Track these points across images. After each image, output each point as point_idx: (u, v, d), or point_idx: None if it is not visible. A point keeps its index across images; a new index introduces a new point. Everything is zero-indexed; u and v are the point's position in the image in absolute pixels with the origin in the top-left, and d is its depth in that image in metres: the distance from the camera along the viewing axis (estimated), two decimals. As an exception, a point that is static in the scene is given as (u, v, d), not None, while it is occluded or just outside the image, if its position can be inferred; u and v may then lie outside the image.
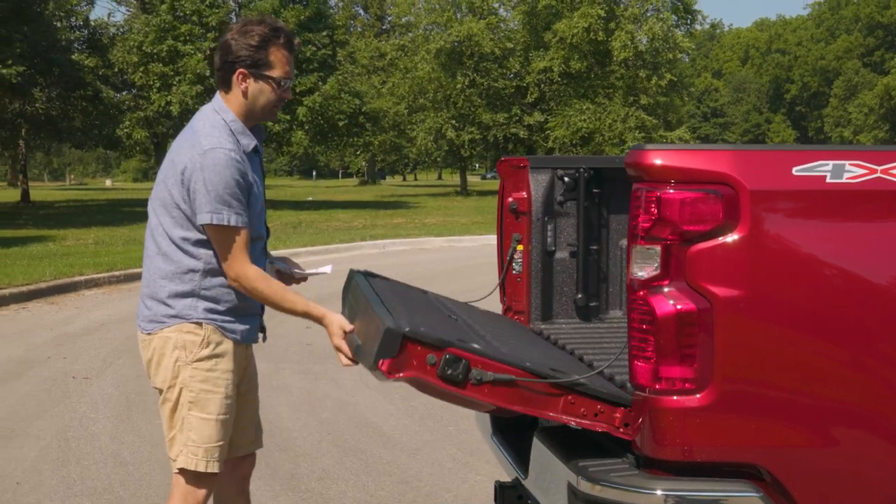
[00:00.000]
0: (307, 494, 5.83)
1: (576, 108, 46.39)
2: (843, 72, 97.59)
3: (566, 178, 4.70)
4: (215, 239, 3.62)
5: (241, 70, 3.68)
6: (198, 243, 3.68)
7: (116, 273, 15.63)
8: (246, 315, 3.87)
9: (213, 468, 3.77)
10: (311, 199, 40.58)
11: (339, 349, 3.60)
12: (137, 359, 9.53)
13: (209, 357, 3.74)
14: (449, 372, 3.00)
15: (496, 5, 49.60)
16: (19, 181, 49.54)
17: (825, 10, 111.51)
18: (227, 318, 3.78)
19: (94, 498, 5.76)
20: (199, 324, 3.74)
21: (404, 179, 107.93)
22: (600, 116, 46.05)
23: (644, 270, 2.86)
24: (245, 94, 3.71)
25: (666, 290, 2.82)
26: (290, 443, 6.79)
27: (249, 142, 3.75)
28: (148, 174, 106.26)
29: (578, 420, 3.06)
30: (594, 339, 4.19)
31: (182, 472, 3.77)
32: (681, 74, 53.42)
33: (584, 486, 2.95)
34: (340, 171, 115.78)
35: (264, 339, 4.08)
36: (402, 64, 49.92)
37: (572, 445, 3.19)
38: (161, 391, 3.80)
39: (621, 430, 3.02)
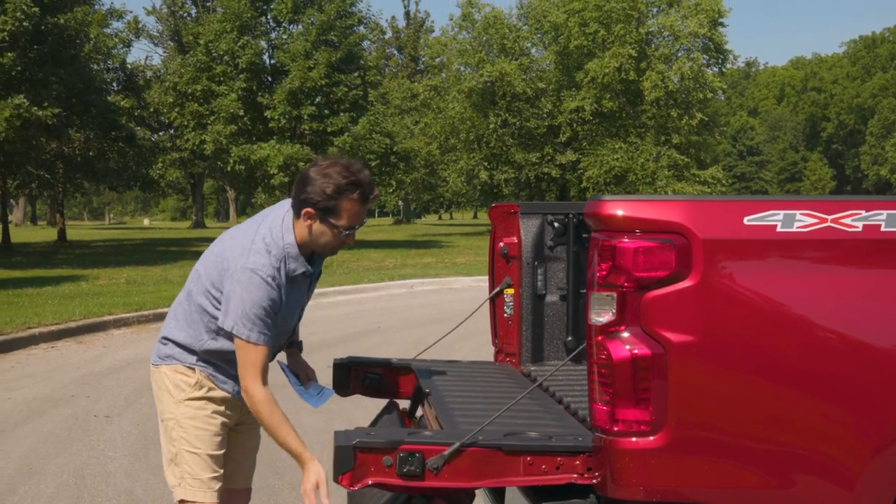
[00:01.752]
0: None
1: (608, 147, 46.48)
2: (878, 110, 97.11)
3: (556, 224, 4.84)
4: (236, 348, 3.80)
5: (308, 209, 3.81)
6: (212, 318, 3.91)
7: (145, 312, 15.86)
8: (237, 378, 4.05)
9: (211, 498, 3.99)
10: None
11: (304, 495, 3.70)
12: (155, 398, 9.69)
13: (201, 398, 3.98)
14: (406, 469, 3.09)
15: (528, 45, 49.88)
16: (57, 221, 50.20)
17: (860, 48, 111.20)
18: (221, 377, 4.02)
19: (104, 534, 5.91)
20: (193, 369, 3.97)
21: (440, 218, 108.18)
22: (633, 155, 46.11)
23: (601, 316, 2.98)
24: (309, 229, 3.85)
25: (622, 335, 2.94)
26: (300, 481, 6.89)
27: (298, 267, 3.90)
28: (186, 213, 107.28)
29: (542, 478, 3.14)
30: (577, 383, 4.30)
31: (183, 502, 4.00)
32: (714, 113, 53.43)
33: (549, 527, 3.08)
34: (376, 211, 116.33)
35: None
36: (434, 104, 50.26)
37: (543, 486, 3.30)
38: (161, 421, 4.07)
39: (585, 475, 3.12)
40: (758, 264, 2.98)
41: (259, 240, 3.84)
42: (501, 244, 4.88)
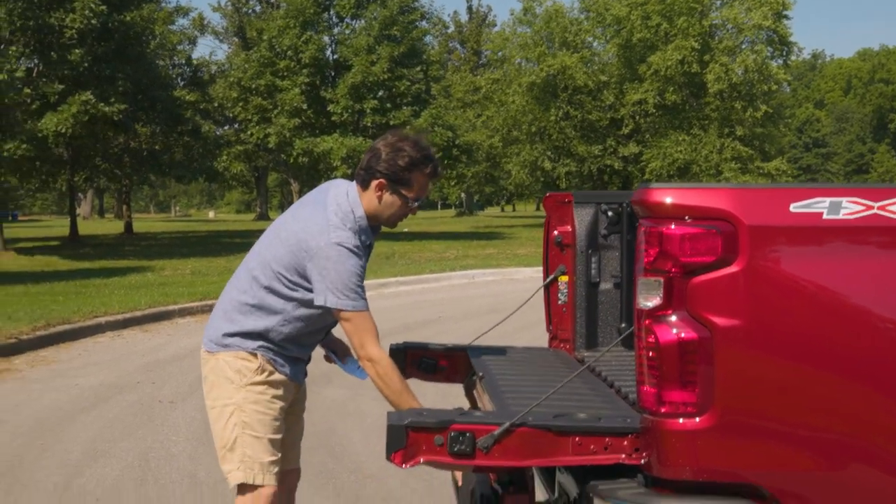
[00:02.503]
0: (370, 515, 6.07)
1: (671, 139, 46.14)
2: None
3: (610, 213, 4.90)
4: (343, 322, 3.93)
5: (381, 181, 3.98)
6: (286, 299, 4.02)
7: (209, 302, 16.07)
8: (296, 361, 4.21)
9: (270, 481, 4.08)
10: (406, 230, 41.01)
11: None
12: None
13: (262, 383, 4.08)
14: (457, 448, 3.16)
15: (590, 39, 49.67)
16: (123, 213, 50.98)
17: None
18: (280, 360, 4.12)
19: (168, 515, 6.08)
20: (255, 354, 4.06)
21: (502, 210, 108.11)
22: (696, 147, 45.72)
23: (649, 301, 3.04)
24: (379, 200, 4.02)
25: (669, 319, 3.00)
26: (358, 465, 7.04)
27: (367, 239, 4.06)
28: (250, 205, 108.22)
29: (591, 458, 3.21)
30: (627, 366, 4.36)
31: (241, 486, 4.09)
32: (779, 105, 52.80)
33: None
34: (439, 203, 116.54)
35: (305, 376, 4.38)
36: (497, 97, 50.23)
37: (592, 466, 3.36)
38: (213, 408, 4.11)
39: (633, 456, 3.19)
40: (804, 251, 3.01)
41: (333, 216, 3.94)
42: (556, 233, 4.94)
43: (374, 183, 3.99)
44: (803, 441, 3.00)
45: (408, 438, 3.17)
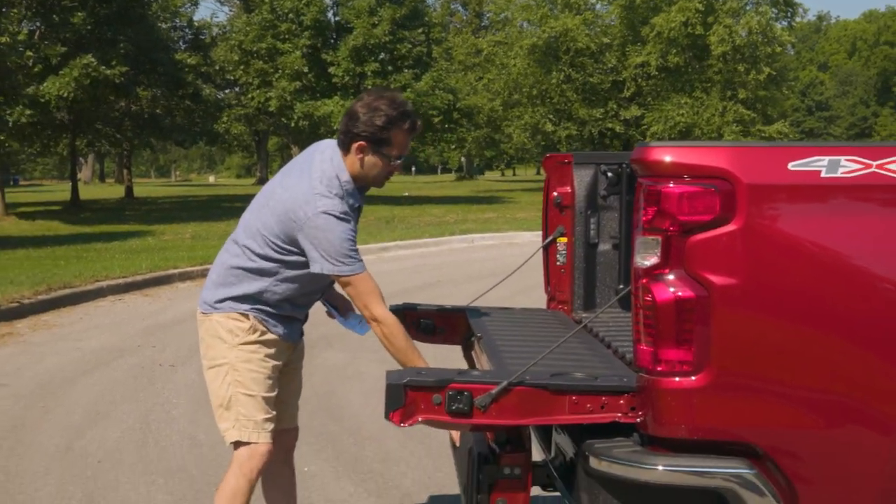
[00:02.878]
0: (369, 475, 6.09)
1: (673, 102, 45.96)
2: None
3: (609, 174, 4.88)
4: (345, 287, 3.96)
5: (361, 143, 3.97)
6: (280, 262, 4.04)
7: (209, 266, 15.92)
8: (291, 321, 4.23)
9: (265, 438, 4.12)
10: (406, 194, 41.00)
11: None
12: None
13: (254, 342, 4.10)
14: (454, 407, 3.17)
15: (592, 0, 49.42)
16: (124, 178, 50.93)
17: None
18: (273, 321, 4.14)
19: (168, 476, 6.10)
20: (246, 315, 4.09)
21: (502, 174, 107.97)
22: (698, 111, 45.56)
23: (646, 259, 3.03)
24: (361, 163, 4.01)
25: (666, 278, 2.99)
26: (357, 427, 7.06)
27: (354, 202, 4.06)
28: (251, 170, 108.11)
29: (587, 416, 3.21)
30: (624, 327, 4.35)
31: (237, 444, 4.13)
32: (783, 68, 52.54)
33: (592, 463, 3.15)
34: (439, 167, 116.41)
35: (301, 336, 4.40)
36: (498, 60, 50.01)
37: (588, 425, 3.37)
38: (209, 368, 4.17)
39: (629, 414, 3.19)
40: (802, 209, 3.00)
41: (318, 184, 3.94)
42: (555, 194, 4.93)
43: (355, 146, 3.98)
44: (798, 400, 3.00)
45: (406, 397, 3.18)
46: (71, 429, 7.13)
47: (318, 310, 4.50)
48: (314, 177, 3.97)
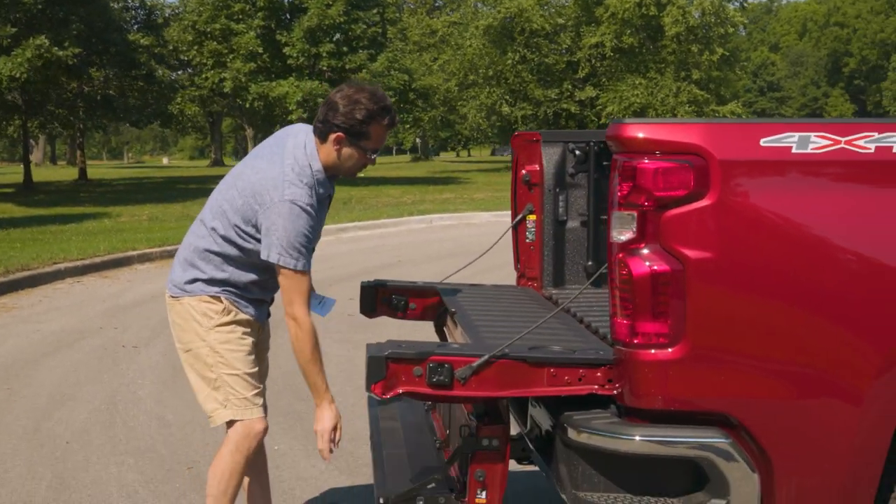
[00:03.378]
0: (339, 454, 6.10)
1: (628, 83, 46.20)
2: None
3: (577, 152, 4.94)
4: (281, 277, 3.96)
5: (339, 135, 3.98)
6: (241, 250, 4.07)
7: (168, 248, 16.04)
8: (259, 303, 4.28)
9: (258, 413, 4.18)
10: (361, 175, 40.90)
11: (320, 435, 4.05)
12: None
13: (229, 322, 4.14)
14: (435, 379, 3.21)
15: (547, -20, 49.48)
16: (77, 160, 50.41)
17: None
18: (244, 302, 4.18)
19: (138, 456, 6.11)
20: (218, 297, 4.13)
21: (457, 155, 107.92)
22: (652, 91, 45.84)
23: (622, 234, 3.09)
24: (338, 154, 4.03)
25: (642, 252, 3.05)
26: (325, 407, 7.08)
27: (325, 192, 4.09)
28: (204, 152, 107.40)
29: (565, 388, 3.27)
30: (597, 304, 4.42)
31: (231, 423, 4.15)
32: (735, 49, 52.95)
33: (571, 434, 3.21)
34: (394, 148, 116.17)
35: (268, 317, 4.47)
36: (453, 40, 49.97)
37: (564, 398, 3.43)
38: (187, 351, 4.18)
39: (606, 386, 3.25)
40: (773, 185, 3.06)
41: (289, 171, 3.95)
42: (524, 171, 4.98)
43: (332, 137, 3.99)
44: (771, 372, 3.07)
45: (388, 370, 3.22)
46: (37, 410, 7.12)
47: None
48: (286, 163, 3.97)
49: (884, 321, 3.07)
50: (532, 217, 4.99)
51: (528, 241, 5.04)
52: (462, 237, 18.17)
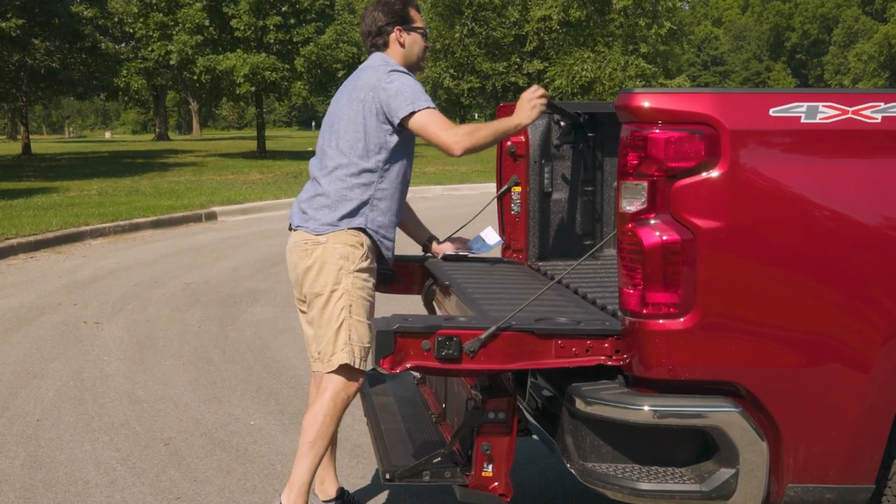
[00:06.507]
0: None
1: (576, 56, 46.30)
2: (843, 19, 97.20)
3: (562, 123, 4.92)
4: (421, 128, 4.18)
5: (397, 27, 4.44)
6: (378, 156, 4.27)
7: (121, 223, 15.87)
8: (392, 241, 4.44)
9: (366, 367, 4.23)
10: (311, 149, 40.60)
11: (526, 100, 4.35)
12: (147, 304, 9.70)
13: (366, 269, 4.25)
14: (444, 353, 3.20)
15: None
16: (20, 134, 49.60)
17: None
18: (389, 238, 4.38)
19: (112, 433, 6.02)
20: (363, 229, 4.25)
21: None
22: (600, 65, 46.00)
23: (632, 205, 3.08)
24: (403, 45, 4.47)
25: (652, 222, 3.04)
26: (297, 381, 7.05)
27: None
28: (146, 126, 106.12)
29: (573, 360, 3.26)
30: (590, 276, 4.42)
31: (339, 369, 4.17)
32: (680, 23, 53.24)
33: (579, 405, 3.20)
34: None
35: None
36: (401, 13, 49.71)
37: (566, 369, 3.42)
38: (320, 295, 4.20)
39: (613, 357, 3.25)
40: (783, 154, 3.07)
41: (382, 68, 4.31)
42: (509, 143, 4.95)
43: (392, 35, 4.43)
44: (780, 341, 3.08)
45: (396, 344, 3.19)
46: (3, 388, 6.99)
47: (242, 265, 4.47)
48: (379, 68, 4.30)
49: (892, 289, 3.09)
50: (517, 189, 4.97)
51: (513, 212, 5.02)
52: (416, 210, 18.07)
